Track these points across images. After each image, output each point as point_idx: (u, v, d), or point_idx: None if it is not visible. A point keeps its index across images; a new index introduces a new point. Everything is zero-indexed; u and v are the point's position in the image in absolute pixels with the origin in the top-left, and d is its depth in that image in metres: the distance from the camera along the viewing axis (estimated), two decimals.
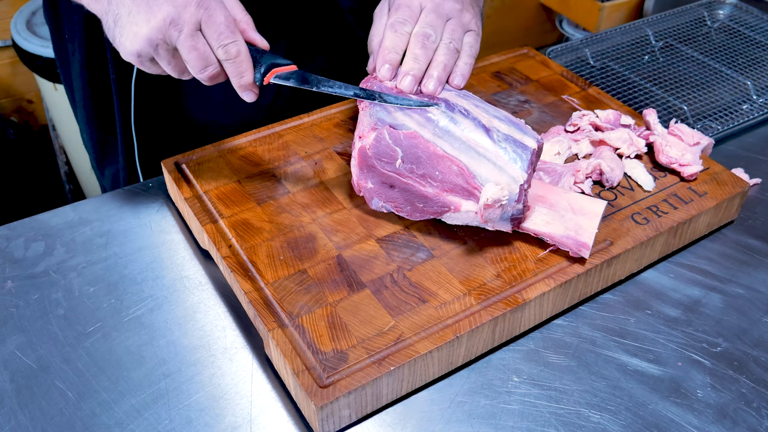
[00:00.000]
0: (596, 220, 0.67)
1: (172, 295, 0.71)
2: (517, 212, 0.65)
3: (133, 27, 0.61)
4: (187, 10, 0.60)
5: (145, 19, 0.60)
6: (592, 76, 1.03)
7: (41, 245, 0.76)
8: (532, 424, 0.61)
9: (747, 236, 0.80)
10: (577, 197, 0.69)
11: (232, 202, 0.75)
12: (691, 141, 0.80)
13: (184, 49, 0.62)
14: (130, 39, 0.61)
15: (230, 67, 0.64)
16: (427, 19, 0.71)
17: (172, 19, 0.60)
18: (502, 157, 0.65)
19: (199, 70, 0.63)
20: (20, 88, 2.30)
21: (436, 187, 0.67)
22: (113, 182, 1.02)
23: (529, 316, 0.66)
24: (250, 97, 0.67)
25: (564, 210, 0.68)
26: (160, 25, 0.60)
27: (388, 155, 0.68)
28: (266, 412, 0.61)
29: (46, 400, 0.62)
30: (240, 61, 0.64)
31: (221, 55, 0.63)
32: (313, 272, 0.67)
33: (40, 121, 2.39)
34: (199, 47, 0.62)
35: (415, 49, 0.70)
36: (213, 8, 0.61)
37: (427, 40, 0.70)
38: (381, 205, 0.71)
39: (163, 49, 0.62)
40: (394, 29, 0.71)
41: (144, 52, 0.62)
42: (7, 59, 2.22)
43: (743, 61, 1.08)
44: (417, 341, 0.61)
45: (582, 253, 0.67)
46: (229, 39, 0.62)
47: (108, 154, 1.00)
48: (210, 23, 0.61)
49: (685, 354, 0.67)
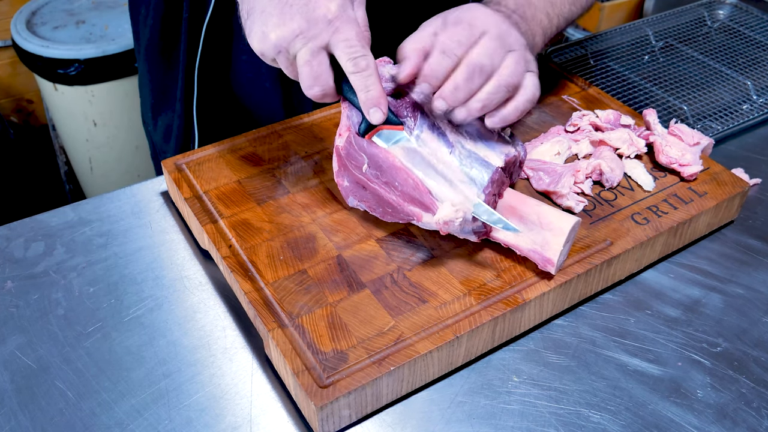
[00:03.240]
0: (562, 237, 0.64)
1: (172, 295, 0.71)
2: (477, 228, 0.65)
3: (263, 27, 0.61)
4: (318, 26, 0.60)
5: (276, 25, 0.60)
6: (592, 76, 1.03)
7: (41, 245, 0.76)
8: (532, 424, 0.61)
9: (747, 236, 0.80)
10: (548, 211, 0.66)
11: (232, 202, 0.75)
12: (691, 141, 0.80)
13: (301, 61, 0.61)
14: (258, 37, 0.61)
15: (358, 81, 0.62)
16: (487, 46, 0.63)
17: (301, 32, 0.60)
18: (459, 175, 0.64)
19: (308, 87, 0.62)
20: (20, 88, 2.31)
21: (398, 197, 0.66)
22: (165, 133, 1.01)
23: (529, 317, 0.66)
24: (377, 116, 0.63)
25: (533, 223, 0.66)
26: (287, 35, 0.60)
27: (356, 159, 0.67)
28: (266, 412, 0.61)
29: (46, 400, 0.62)
30: (369, 74, 0.62)
31: (350, 68, 0.61)
32: (313, 272, 0.67)
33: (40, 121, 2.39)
34: (314, 65, 0.61)
35: (459, 79, 0.62)
36: (344, 27, 0.60)
37: (479, 71, 0.62)
38: (356, 204, 0.71)
39: (284, 56, 0.62)
40: (444, 51, 0.62)
41: (267, 54, 0.62)
42: (7, 59, 2.22)
43: (743, 61, 1.08)
44: (417, 341, 0.61)
45: (547, 268, 0.65)
46: (359, 53, 0.61)
47: (166, 100, 1.00)
48: (340, 38, 0.60)
49: (685, 354, 0.67)
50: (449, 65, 0.63)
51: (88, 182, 2.04)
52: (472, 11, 0.65)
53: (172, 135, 1.00)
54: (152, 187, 0.84)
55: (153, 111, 1.02)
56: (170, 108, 1.00)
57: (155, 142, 1.06)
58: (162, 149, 1.04)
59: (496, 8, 0.71)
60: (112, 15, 1.85)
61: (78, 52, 1.71)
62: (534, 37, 0.74)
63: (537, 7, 0.75)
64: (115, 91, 1.80)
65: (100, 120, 1.85)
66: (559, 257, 0.65)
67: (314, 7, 0.60)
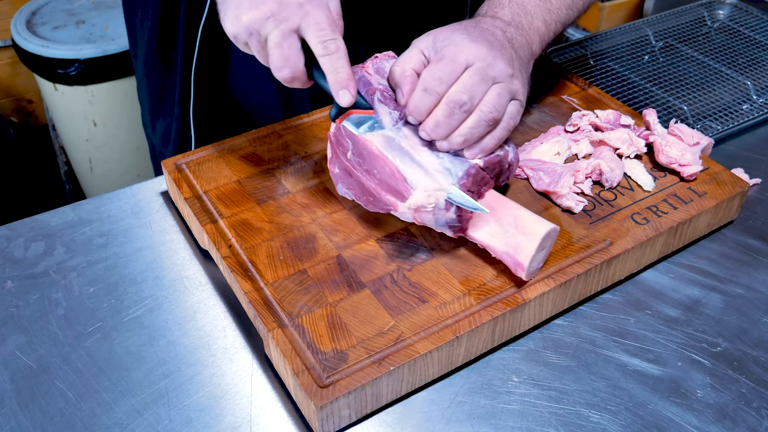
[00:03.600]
0: (535, 243, 0.63)
1: (172, 295, 0.71)
2: (450, 220, 0.65)
3: (236, 10, 0.63)
4: (289, 9, 0.61)
5: (248, 8, 0.62)
6: (592, 76, 1.03)
7: (41, 245, 0.76)
8: (532, 424, 0.61)
9: (747, 236, 0.80)
10: (525, 215, 0.66)
11: (232, 202, 0.75)
12: (690, 141, 0.80)
13: (272, 43, 0.62)
14: (231, 20, 0.63)
15: (327, 63, 0.63)
16: (468, 81, 0.63)
17: (272, 14, 0.61)
18: (435, 165, 0.65)
19: (277, 68, 0.63)
20: (20, 88, 2.31)
21: (377, 185, 0.67)
22: (164, 137, 1.02)
23: (529, 316, 0.66)
24: (346, 98, 0.63)
25: (509, 225, 0.65)
26: (258, 17, 0.62)
27: (342, 146, 0.68)
28: (266, 412, 0.61)
29: (46, 400, 0.62)
30: (338, 57, 0.63)
31: (320, 51, 0.62)
32: (312, 272, 0.67)
33: (40, 121, 2.39)
34: (285, 48, 0.62)
35: (439, 116, 0.63)
36: (315, 10, 0.62)
37: (459, 108, 0.63)
38: (344, 191, 0.71)
39: (256, 39, 0.63)
40: (426, 88, 0.63)
41: (239, 36, 0.64)
42: (7, 59, 2.22)
43: (743, 61, 1.08)
44: (417, 341, 0.61)
45: (518, 273, 0.65)
46: (329, 36, 0.62)
47: (163, 104, 1.00)
48: (310, 22, 0.62)
49: (685, 354, 0.67)
50: (431, 102, 0.64)
51: (88, 182, 2.04)
52: (458, 44, 0.65)
53: (170, 138, 1.00)
54: (152, 187, 0.84)
55: (151, 114, 1.03)
56: (168, 112, 1.00)
57: (154, 144, 1.06)
58: (161, 152, 1.05)
59: (492, 20, 0.71)
60: (112, 15, 1.85)
61: (78, 52, 1.71)
62: (531, 46, 0.73)
63: (534, 15, 0.75)
64: (115, 91, 1.80)
65: (100, 120, 1.85)
66: (530, 262, 0.63)
67: None
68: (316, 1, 0.62)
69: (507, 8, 0.74)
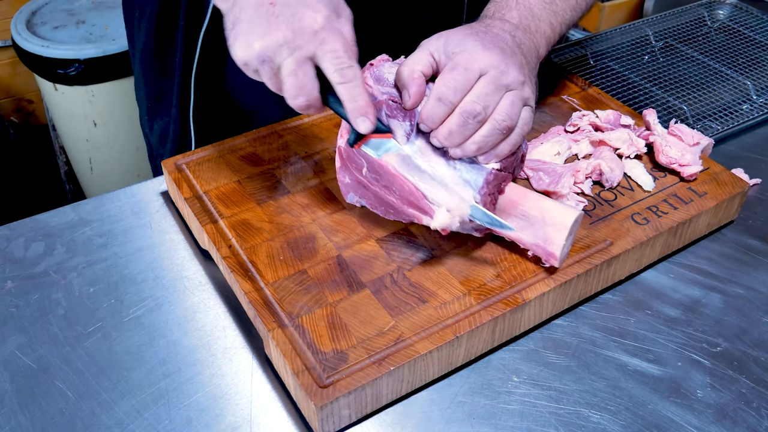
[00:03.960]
0: (564, 232, 0.65)
1: (172, 295, 0.71)
2: (478, 226, 0.66)
3: (248, 37, 0.60)
4: (304, 37, 0.60)
5: (261, 34, 0.60)
6: (592, 76, 1.03)
7: (41, 245, 0.76)
8: (532, 424, 0.61)
9: (747, 236, 0.80)
10: (550, 205, 0.67)
11: (232, 202, 0.75)
12: (691, 141, 0.80)
13: (286, 71, 0.61)
14: (242, 47, 0.61)
15: (345, 91, 0.61)
16: (482, 90, 0.63)
17: (286, 41, 0.60)
18: (454, 178, 0.65)
19: (292, 96, 0.62)
20: (20, 88, 2.31)
21: (398, 200, 0.66)
22: (161, 137, 1.01)
23: (529, 317, 0.66)
24: (365, 125, 0.62)
25: (535, 218, 0.66)
26: (272, 44, 0.60)
27: (356, 162, 0.68)
28: (266, 412, 0.61)
29: (46, 400, 0.62)
30: (356, 85, 0.61)
31: (337, 79, 0.61)
32: (313, 272, 0.67)
33: (40, 121, 2.39)
34: (300, 75, 0.61)
35: (453, 125, 0.63)
36: (330, 37, 0.61)
37: (473, 119, 0.63)
38: (356, 200, 0.71)
39: (268, 66, 0.61)
40: (440, 98, 0.63)
41: (251, 63, 0.62)
42: (7, 59, 2.22)
43: (743, 61, 1.08)
44: (417, 341, 0.61)
45: (551, 262, 0.66)
46: (345, 64, 0.61)
47: (161, 104, 0.99)
48: (326, 50, 0.60)
49: (685, 354, 0.67)
50: (444, 112, 0.64)
51: (88, 182, 2.04)
52: (470, 51, 0.64)
53: (168, 139, 1.00)
54: (152, 187, 0.84)
55: (149, 114, 1.02)
56: (166, 113, 0.99)
57: (152, 144, 1.06)
58: (159, 152, 1.04)
59: (501, 23, 0.70)
60: (112, 15, 1.85)
61: (78, 52, 1.71)
62: (538, 49, 0.73)
63: (541, 19, 0.74)
64: (115, 91, 1.80)
65: (100, 120, 1.85)
66: (562, 251, 0.65)
67: (300, 18, 0.60)
68: (330, 27, 0.61)
69: (515, 11, 0.73)
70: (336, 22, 0.61)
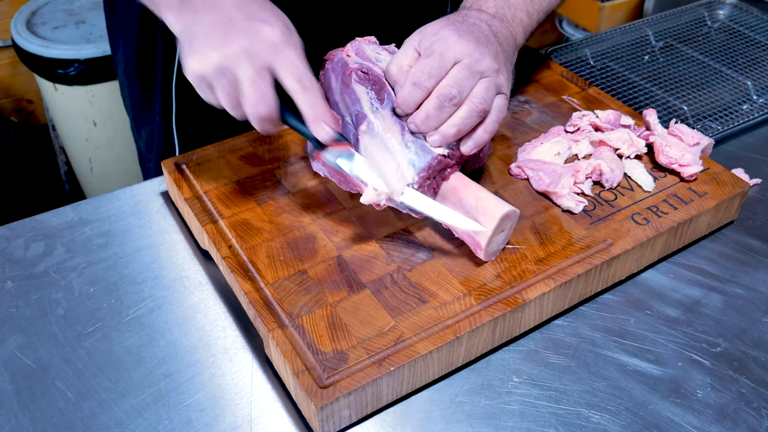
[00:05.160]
0: (493, 223, 0.65)
1: (172, 295, 0.71)
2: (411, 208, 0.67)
3: (205, 49, 0.61)
4: (262, 47, 0.61)
5: (219, 46, 0.60)
6: (592, 76, 1.03)
7: (41, 245, 0.76)
8: (532, 425, 0.61)
9: (747, 236, 0.80)
10: (486, 196, 0.67)
11: (232, 202, 0.75)
12: (691, 141, 0.80)
13: (246, 81, 0.61)
14: (198, 60, 0.61)
15: (303, 99, 0.62)
16: (457, 75, 0.65)
17: (245, 51, 0.60)
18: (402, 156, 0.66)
19: (252, 105, 0.62)
20: (20, 88, 2.31)
21: None
22: (147, 144, 1.02)
23: (529, 317, 0.66)
24: (323, 131, 0.64)
25: (470, 206, 0.67)
26: (231, 54, 0.60)
27: None
28: (266, 413, 0.61)
29: (46, 400, 0.62)
30: (315, 95, 0.63)
31: (296, 88, 0.62)
32: (313, 272, 0.67)
33: (40, 121, 2.39)
34: (261, 84, 0.61)
35: (429, 108, 0.65)
36: (287, 49, 0.62)
37: (448, 102, 0.64)
38: (319, 168, 0.72)
39: (226, 78, 0.61)
40: (415, 82, 0.65)
41: (207, 76, 0.62)
42: (7, 59, 2.22)
43: (743, 61, 1.08)
44: (417, 341, 0.61)
45: (477, 253, 0.67)
46: (304, 74, 0.62)
47: (146, 112, 0.99)
48: (284, 60, 0.61)
49: (685, 354, 0.67)
50: (420, 96, 0.65)
51: (88, 182, 2.04)
52: (446, 39, 0.66)
53: (154, 146, 1.00)
54: (152, 187, 0.84)
55: (135, 122, 1.03)
56: (151, 120, 1.00)
57: (141, 149, 1.06)
58: (147, 157, 1.05)
59: (477, 14, 0.72)
60: None
61: (78, 52, 1.71)
62: (515, 37, 0.75)
63: (517, 7, 0.76)
64: (115, 91, 1.80)
65: (100, 120, 1.85)
66: (489, 243, 0.65)
67: (258, 30, 0.61)
68: (287, 41, 0.62)
69: (491, 1, 0.75)
70: (291, 38, 0.63)
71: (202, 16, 0.62)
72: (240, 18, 0.61)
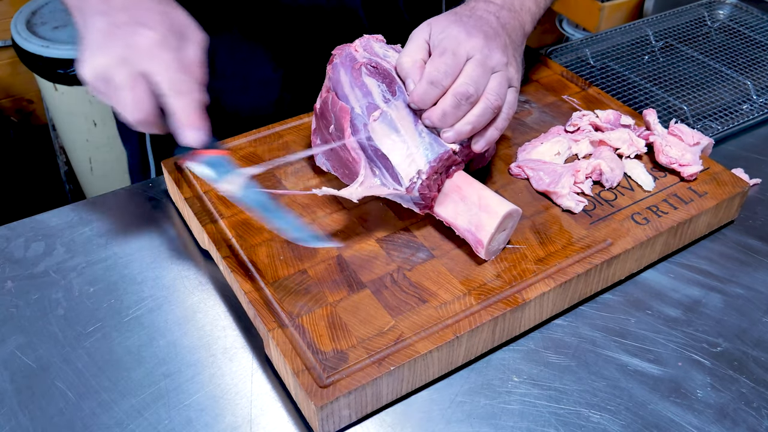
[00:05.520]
0: (496, 220, 0.65)
1: (172, 295, 0.71)
2: (416, 199, 0.67)
3: (89, 54, 0.62)
4: (138, 52, 0.61)
5: (100, 52, 0.61)
6: (592, 76, 1.03)
7: (41, 245, 0.76)
8: (532, 424, 0.61)
9: (747, 236, 0.80)
10: (489, 194, 0.68)
11: (232, 202, 0.75)
12: (691, 141, 0.80)
13: (122, 87, 0.61)
14: (83, 64, 0.62)
15: (175, 102, 0.62)
16: (472, 73, 0.65)
17: (121, 58, 0.60)
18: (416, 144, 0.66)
19: (129, 111, 0.62)
20: (20, 88, 2.31)
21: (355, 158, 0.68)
22: (131, 159, 1.03)
23: (529, 316, 0.66)
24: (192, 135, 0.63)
25: (472, 204, 0.67)
26: (110, 61, 0.61)
27: (326, 119, 0.71)
28: (266, 412, 0.61)
29: (46, 400, 0.62)
30: (189, 99, 0.62)
31: (166, 90, 0.61)
32: (313, 272, 0.67)
33: (40, 121, 2.39)
34: (136, 90, 0.61)
35: (446, 106, 0.65)
36: (163, 53, 0.61)
37: (465, 100, 0.65)
38: (323, 162, 0.73)
39: (110, 84, 0.62)
40: (432, 81, 0.65)
41: (94, 83, 0.62)
42: (7, 59, 2.22)
43: (743, 61, 1.08)
44: (417, 341, 0.61)
45: (478, 251, 0.67)
46: (178, 78, 0.61)
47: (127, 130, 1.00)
48: (158, 65, 0.61)
49: (685, 354, 0.67)
50: (437, 95, 0.66)
51: (88, 182, 2.04)
52: (456, 37, 0.67)
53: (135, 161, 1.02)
54: (152, 186, 0.84)
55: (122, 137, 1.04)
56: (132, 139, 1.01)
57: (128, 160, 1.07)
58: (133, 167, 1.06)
59: (485, 5, 0.72)
60: None
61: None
62: (524, 26, 0.75)
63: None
64: None
65: (100, 120, 1.85)
66: (490, 241, 0.65)
67: (136, 35, 0.61)
68: (166, 45, 0.61)
69: None
70: (174, 41, 0.62)
71: (91, 19, 0.63)
72: (122, 22, 0.62)
